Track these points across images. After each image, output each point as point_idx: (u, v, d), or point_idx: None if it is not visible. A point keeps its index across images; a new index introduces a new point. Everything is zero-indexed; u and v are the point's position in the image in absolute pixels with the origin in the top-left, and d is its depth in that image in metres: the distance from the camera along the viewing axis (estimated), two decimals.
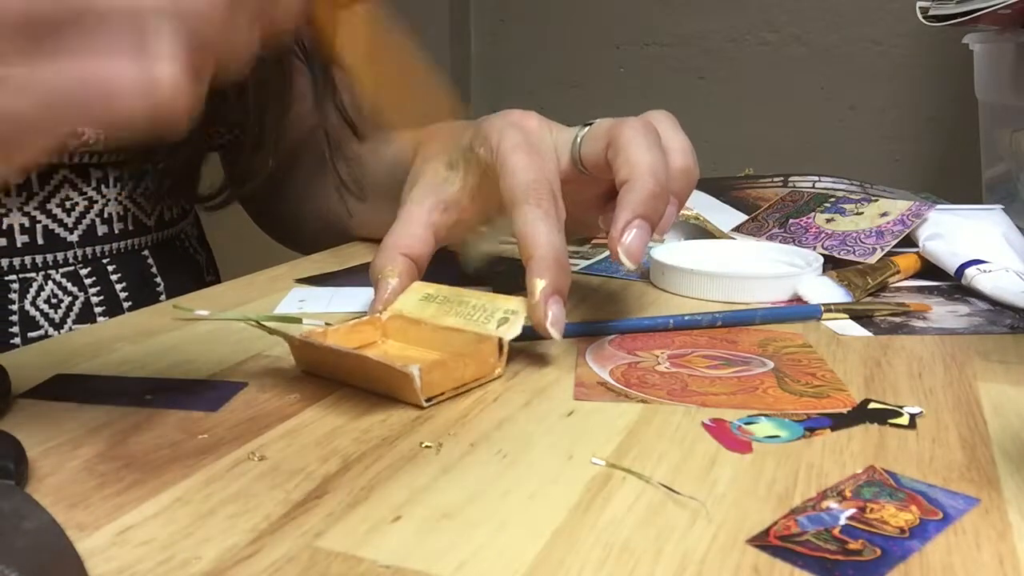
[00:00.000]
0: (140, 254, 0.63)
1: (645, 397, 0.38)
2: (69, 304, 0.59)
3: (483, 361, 0.39)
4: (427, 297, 0.44)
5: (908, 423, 0.36)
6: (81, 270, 0.59)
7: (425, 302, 0.44)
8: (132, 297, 0.62)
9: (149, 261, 0.64)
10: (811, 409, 0.37)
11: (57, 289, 0.58)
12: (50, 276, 0.58)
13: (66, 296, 0.58)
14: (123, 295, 0.61)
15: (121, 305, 0.61)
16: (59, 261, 0.58)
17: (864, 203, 0.67)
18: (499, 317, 0.41)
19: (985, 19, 0.71)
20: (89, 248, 0.60)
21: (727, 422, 0.35)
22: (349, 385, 0.39)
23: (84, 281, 0.59)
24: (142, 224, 0.63)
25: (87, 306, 0.59)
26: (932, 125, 1.42)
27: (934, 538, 0.27)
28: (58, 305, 0.58)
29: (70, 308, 0.59)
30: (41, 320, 0.57)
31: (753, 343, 0.45)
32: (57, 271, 0.58)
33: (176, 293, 0.65)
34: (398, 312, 0.44)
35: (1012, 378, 0.41)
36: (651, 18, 1.58)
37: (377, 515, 0.28)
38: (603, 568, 0.25)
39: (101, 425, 0.35)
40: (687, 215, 0.70)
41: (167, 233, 0.66)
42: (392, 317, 0.44)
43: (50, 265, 0.58)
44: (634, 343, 0.45)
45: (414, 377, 0.35)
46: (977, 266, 0.56)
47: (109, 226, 0.60)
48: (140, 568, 0.25)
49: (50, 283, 0.58)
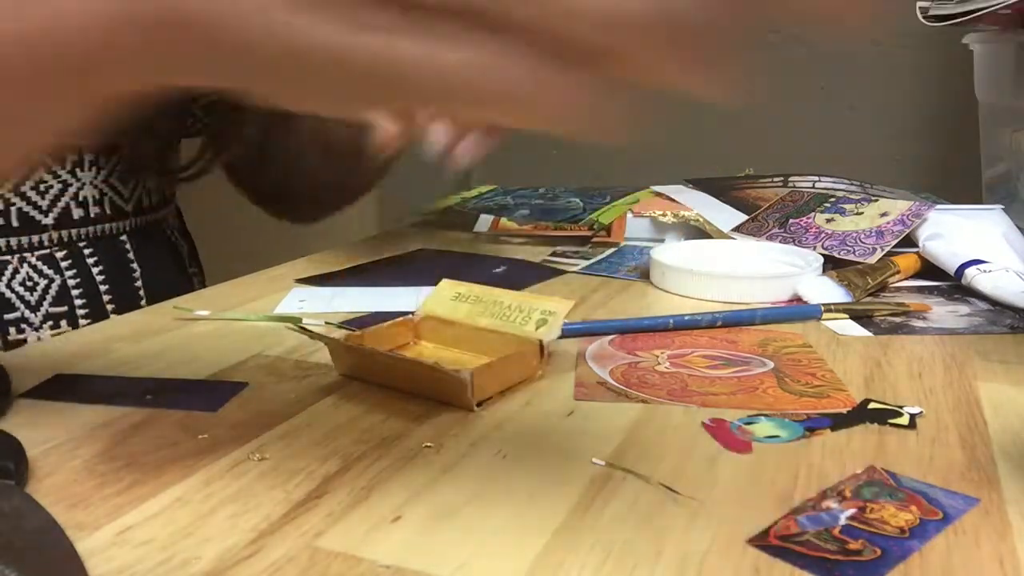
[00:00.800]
0: (118, 239, 0.63)
1: (645, 397, 0.38)
2: (45, 287, 0.59)
3: (527, 364, 0.39)
4: (458, 296, 0.44)
5: (908, 423, 0.36)
6: (57, 253, 0.59)
7: (457, 302, 0.44)
8: (109, 281, 0.62)
9: (127, 247, 0.64)
10: (811, 409, 0.37)
11: (33, 272, 0.58)
12: (25, 259, 0.58)
13: (42, 279, 0.59)
14: (100, 279, 0.61)
15: (98, 288, 0.61)
16: (34, 244, 0.58)
17: (864, 203, 0.67)
18: (537, 318, 0.41)
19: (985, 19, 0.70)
20: (64, 231, 0.60)
21: (727, 422, 0.35)
22: (392, 388, 0.38)
23: (60, 264, 0.59)
24: (119, 209, 0.63)
25: (63, 289, 0.59)
26: (932, 125, 1.42)
27: (934, 538, 0.27)
28: (34, 288, 0.58)
29: (46, 291, 0.59)
30: (17, 302, 0.58)
31: (753, 343, 0.46)
32: (32, 254, 0.58)
33: (153, 280, 0.65)
34: (431, 313, 0.44)
35: (1012, 378, 0.41)
36: None
37: (377, 515, 0.28)
38: (603, 568, 0.25)
39: (101, 425, 0.35)
40: (687, 215, 0.70)
41: (146, 219, 0.66)
42: (425, 318, 0.44)
43: (25, 248, 0.58)
44: (634, 343, 0.45)
45: (467, 382, 0.35)
46: (977, 266, 0.56)
47: (85, 209, 0.61)
48: (140, 568, 0.25)
49: (25, 266, 0.58)
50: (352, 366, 0.40)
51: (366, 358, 0.39)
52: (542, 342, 0.40)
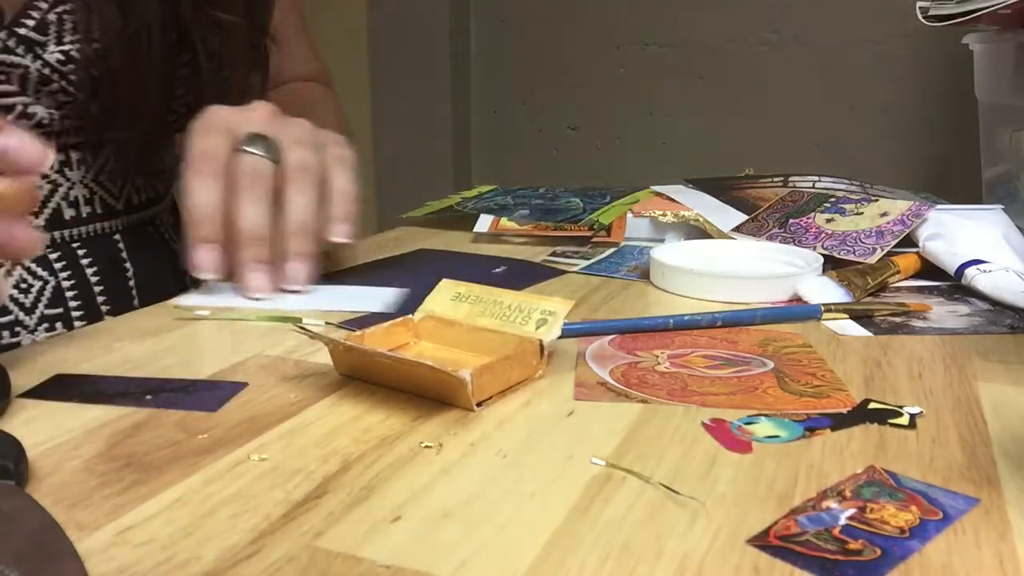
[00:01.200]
0: (111, 238, 0.63)
1: (645, 397, 0.38)
2: (40, 289, 0.59)
3: (527, 363, 0.39)
4: (458, 296, 0.44)
5: (908, 423, 0.36)
6: (51, 254, 0.59)
7: (457, 302, 0.44)
8: (103, 282, 0.62)
9: (120, 245, 0.64)
10: (811, 409, 0.37)
11: (27, 274, 0.58)
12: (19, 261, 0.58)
13: (36, 280, 0.58)
14: (94, 279, 0.61)
15: (92, 289, 0.61)
16: None
17: (864, 203, 0.67)
18: (537, 318, 0.41)
19: (985, 19, 0.70)
20: (57, 232, 0.60)
21: (727, 422, 0.35)
22: (392, 388, 0.38)
23: (54, 265, 0.59)
24: (110, 207, 0.63)
25: (58, 290, 0.59)
26: (932, 125, 1.42)
27: (934, 538, 0.27)
28: (28, 290, 0.58)
29: (41, 293, 0.59)
30: (11, 305, 0.58)
31: (753, 343, 0.46)
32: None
33: (146, 278, 0.65)
34: (430, 312, 0.44)
35: (1012, 378, 0.41)
36: (651, 18, 1.58)
37: (377, 515, 0.28)
38: (603, 568, 0.25)
39: (101, 425, 0.35)
40: (687, 215, 0.70)
41: (138, 217, 0.66)
42: (425, 318, 0.44)
43: None
44: (634, 343, 0.45)
45: (467, 382, 0.35)
46: (977, 266, 0.56)
47: (76, 209, 0.60)
48: (140, 568, 0.25)
49: (19, 268, 0.58)
50: (352, 366, 0.40)
51: (366, 358, 0.39)
52: (542, 342, 0.40)
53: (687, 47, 1.56)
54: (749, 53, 1.52)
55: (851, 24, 1.44)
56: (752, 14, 1.50)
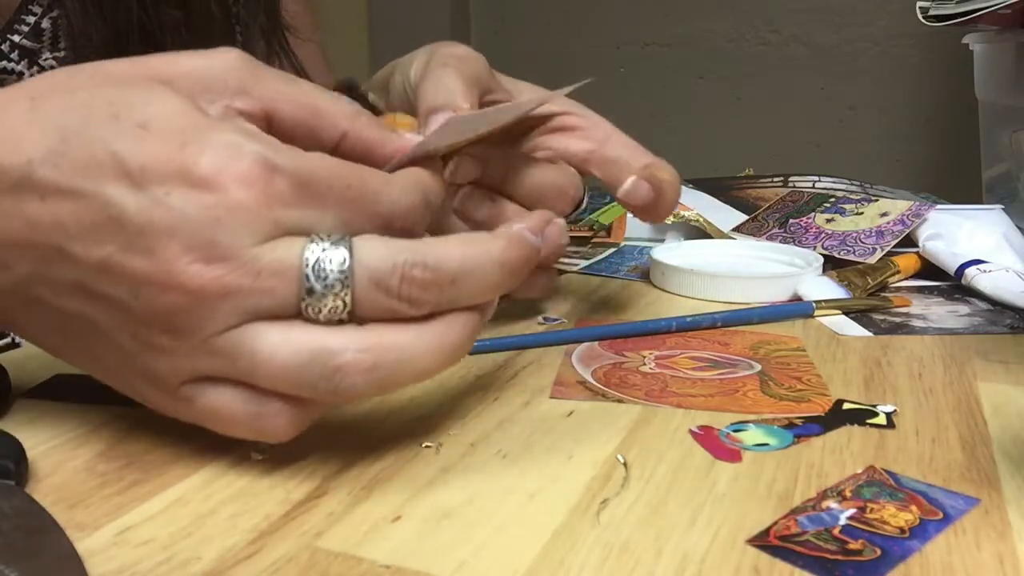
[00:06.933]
0: None
1: (621, 397, 0.38)
2: None
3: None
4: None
5: (886, 422, 0.35)
6: None
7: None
8: None
9: None
10: (789, 412, 0.36)
11: None
12: None
13: None
14: None
15: None
16: None
17: (864, 203, 0.67)
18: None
19: (985, 19, 0.70)
20: None
21: (715, 429, 0.35)
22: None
23: None
24: None
25: None
26: (932, 125, 1.42)
27: (934, 538, 0.27)
28: None
29: None
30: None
31: (746, 345, 0.45)
32: None
33: None
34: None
35: (1012, 378, 0.41)
36: (651, 18, 1.58)
37: (377, 515, 0.28)
38: (603, 568, 0.25)
39: (101, 425, 0.35)
40: (687, 215, 0.70)
41: None
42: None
43: None
44: (623, 343, 0.45)
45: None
46: (977, 266, 0.56)
47: None
48: (140, 568, 0.25)
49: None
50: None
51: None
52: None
53: (687, 47, 1.56)
54: (749, 53, 1.52)
55: (851, 24, 1.44)
56: (752, 14, 1.50)
